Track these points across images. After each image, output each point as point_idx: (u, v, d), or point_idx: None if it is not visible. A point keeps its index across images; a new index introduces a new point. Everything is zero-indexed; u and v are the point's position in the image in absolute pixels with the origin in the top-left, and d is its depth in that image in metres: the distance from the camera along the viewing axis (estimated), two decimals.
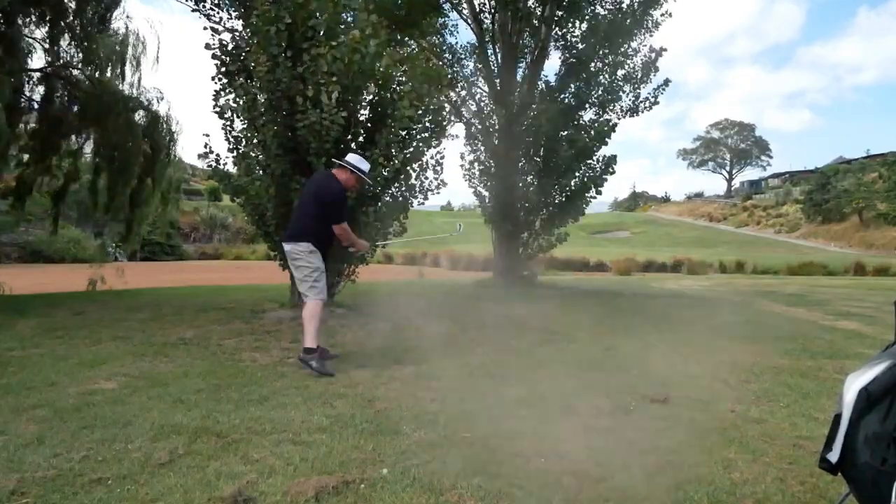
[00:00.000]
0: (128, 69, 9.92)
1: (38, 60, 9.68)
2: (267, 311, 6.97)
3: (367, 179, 4.67)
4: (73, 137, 10.35)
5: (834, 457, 1.70)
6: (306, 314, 4.29)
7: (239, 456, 2.54)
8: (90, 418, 3.02)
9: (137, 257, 28.75)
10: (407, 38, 10.69)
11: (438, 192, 7.48)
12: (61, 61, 9.71)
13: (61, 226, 25.07)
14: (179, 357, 4.60)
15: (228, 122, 6.78)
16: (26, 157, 10.40)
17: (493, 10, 12.41)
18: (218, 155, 6.89)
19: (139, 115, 10.11)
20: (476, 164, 12.49)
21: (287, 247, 4.46)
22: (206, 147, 6.83)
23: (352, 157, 4.58)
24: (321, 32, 6.28)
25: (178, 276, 18.01)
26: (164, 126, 10.27)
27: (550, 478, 2.35)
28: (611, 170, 11.36)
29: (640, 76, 12.02)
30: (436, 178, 7.32)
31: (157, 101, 10.23)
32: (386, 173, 6.48)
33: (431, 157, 7.28)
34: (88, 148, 10.62)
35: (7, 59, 8.24)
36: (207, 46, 6.78)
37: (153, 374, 4.04)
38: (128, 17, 10.14)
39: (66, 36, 9.50)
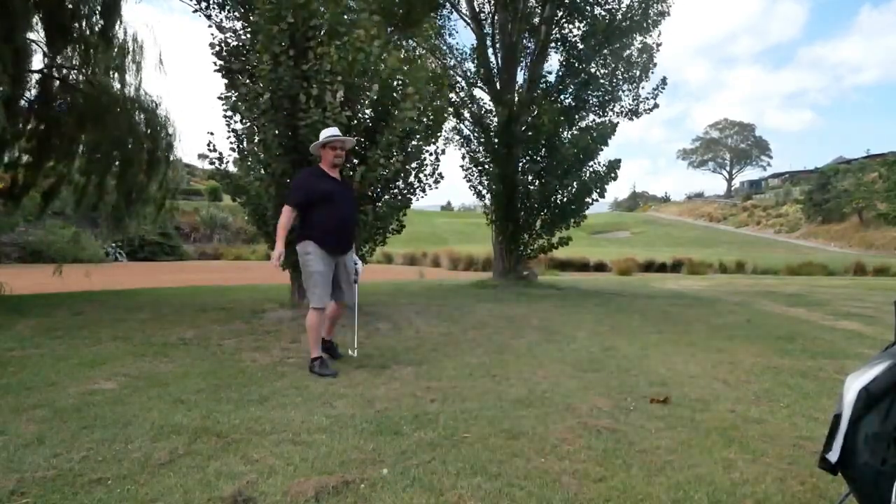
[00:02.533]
0: (128, 72, 9.92)
1: (36, 62, 9.68)
2: (267, 311, 6.97)
3: (336, 139, 4.27)
4: (70, 139, 10.31)
5: (834, 456, 1.70)
6: (307, 323, 4.27)
7: (239, 456, 2.54)
8: (90, 418, 3.02)
9: (134, 256, 28.75)
10: (407, 40, 10.70)
11: (436, 188, 7.52)
12: (59, 62, 9.69)
13: (61, 226, 25.08)
14: (179, 357, 4.60)
15: (231, 122, 6.79)
16: (24, 157, 10.38)
17: (492, 11, 12.43)
18: (221, 153, 6.89)
19: (136, 118, 10.10)
20: (476, 165, 12.51)
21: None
22: (209, 145, 6.83)
23: (322, 133, 4.38)
24: (323, 31, 6.29)
25: (178, 276, 18.01)
26: (163, 129, 10.26)
27: (550, 478, 2.35)
28: (613, 175, 11.34)
29: (638, 74, 12.04)
30: (433, 175, 7.34)
31: (157, 106, 10.23)
32: (386, 174, 6.49)
33: (431, 154, 7.30)
34: (82, 149, 10.58)
35: (9, 59, 8.22)
36: (211, 46, 6.79)
37: (153, 374, 4.04)
38: (126, 22, 10.13)
39: (65, 38, 9.48)
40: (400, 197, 7.20)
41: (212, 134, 6.80)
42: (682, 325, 6.73)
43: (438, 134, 7.66)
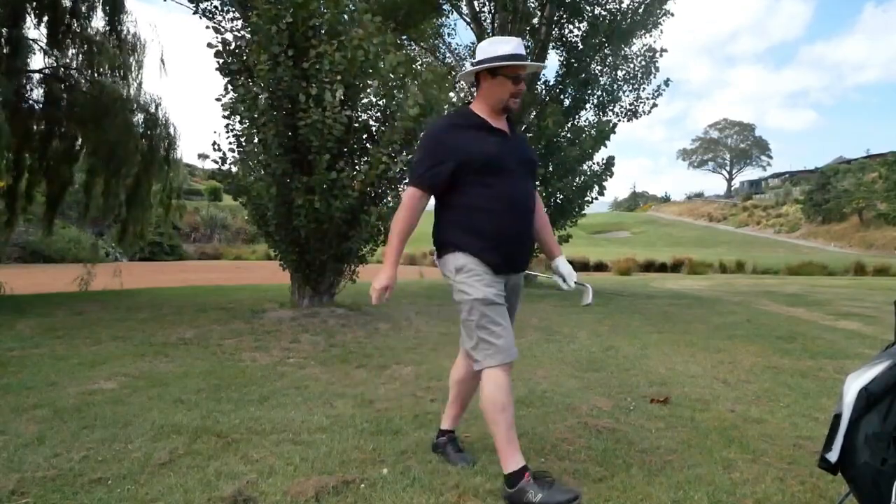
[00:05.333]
0: (131, 72, 9.94)
1: (36, 62, 9.70)
2: (267, 311, 6.96)
3: (516, 63, 2.25)
4: (71, 140, 10.31)
5: (833, 456, 1.70)
6: (484, 399, 2.21)
7: (239, 456, 2.54)
8: (90, 418, 3.01)
9: (137, 257, 28.74)
10: (406, 40, 10.72)
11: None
12: (61, 63, 9.70)
13: (62, 226, 25.08)
14: (179, 357, 4.60)
15: (231, 122, 6.79)
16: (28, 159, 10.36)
17: (492, 11, 12.44)
18: (224, 153, 6.89)
19: (138, 119, 10.12)
20: None
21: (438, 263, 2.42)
22: (214, 144, 6.82)
23: (482, 48, 2.32)
24: (323, 31, 6.30)
25: (178, 276, 18.01)
26: (163, 130, 10.29)
27: None
28: (609, 172, 11.36)
29: (640, 76, 12.05)
30: None
31: (157, 106, 10.26)
32: (390, 173, 6.49)
33: None
34: (85, 150, 10.57)
35: (9, 59, 8.23)
36: (210, 45, 6.80)
37: (153, 374, 4.04)
38: (132, 21, 10.13)
39: (67, 39, 9.49)
40: None
41: (217, 133, 6.81)
42: (682, 325, 6.73)
43: None
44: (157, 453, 2.54)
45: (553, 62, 12.68)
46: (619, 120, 12.15)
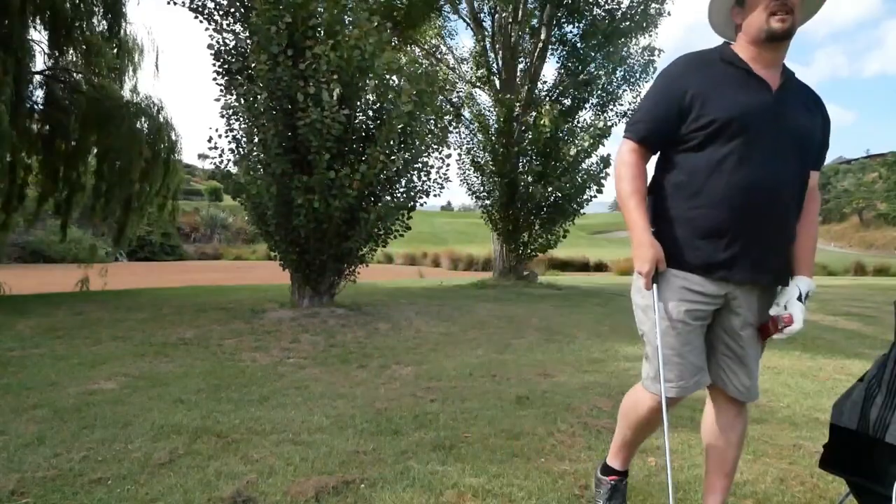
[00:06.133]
0: (131, 74, 9.97)
1: (37, 64, 9.70)
2: (267, 311, 6.96)
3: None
4: (77, 144, 10.31)
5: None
6: (626, 409, 2.06)
7: (239, 456, 2.54)
8: (90, 418, 3.02)
9: (137, 256, 28.79)
10: (406, 42, 10.74)
11: (439, 195, 7.51)
12: (63, 66, 9.70)
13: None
14: (179, 357, 4.60)
15: (230, 122, 6.79)
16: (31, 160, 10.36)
17: (492, 12, 12.45)
18: (222, 151, 6.87)
19: (142, 124, 10.15)
20: (476, 165, 12.52)
21: None
22: (209, 141, 6.80)
23: None
24: (321, 31, 6.30)
25: (178, 276, 18.03)
26: (166, 134, 10.31)
27: (550, 478, 2.35)
28: (606, 172, 11.37)
29: (638, 75, 12.08)
30: (439, 180, 7.33)
31: (159, 110, 10.28)
32: (387, 173, 6.49)
33: (437, 159, 7.30)
34: (91, 154, 10.59)
35: (9, 60, 8.23)
36: (210, 47, 6.80)
37: (153, 374, 4.04)
38: (130, 23, 10.13)
39: (62, 39, 9.50)
40: (402, 198, 7.20)
41: (215, 130, 6.78)
42: None
43: (445, 140, 7.64)
44: (157, 453, 2.54)
45: (554, 62, 12.69)
46: (620, 121, 12.16)
